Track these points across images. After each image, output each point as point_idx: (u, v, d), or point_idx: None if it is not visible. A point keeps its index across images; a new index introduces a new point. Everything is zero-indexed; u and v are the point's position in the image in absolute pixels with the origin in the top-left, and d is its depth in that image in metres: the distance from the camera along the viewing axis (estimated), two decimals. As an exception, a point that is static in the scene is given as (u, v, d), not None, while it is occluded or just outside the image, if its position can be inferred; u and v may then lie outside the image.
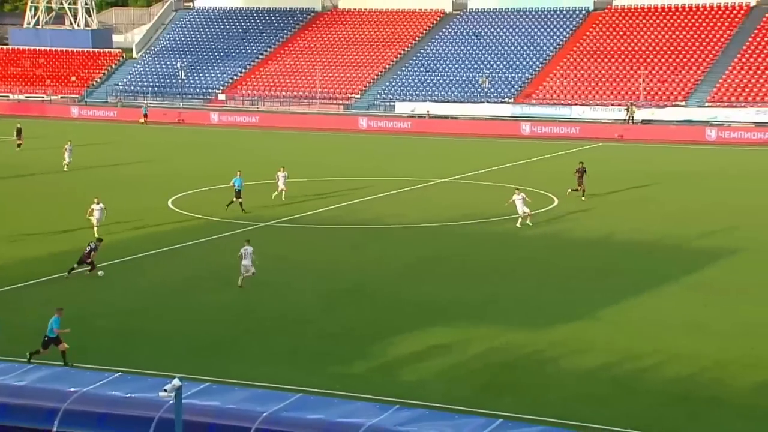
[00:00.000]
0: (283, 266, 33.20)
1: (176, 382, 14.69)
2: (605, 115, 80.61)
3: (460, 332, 25.79)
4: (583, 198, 45.38)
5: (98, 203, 37.34)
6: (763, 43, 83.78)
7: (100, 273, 31.43)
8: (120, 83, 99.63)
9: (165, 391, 14.57)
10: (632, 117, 78.39)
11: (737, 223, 40.14)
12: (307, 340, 25.50)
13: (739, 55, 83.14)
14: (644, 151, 67.88)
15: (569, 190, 45.95)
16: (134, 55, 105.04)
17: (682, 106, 79.83)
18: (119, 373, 18.52)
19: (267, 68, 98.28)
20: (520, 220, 38.66)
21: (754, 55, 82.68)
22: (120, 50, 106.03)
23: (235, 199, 42.13)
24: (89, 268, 31.33)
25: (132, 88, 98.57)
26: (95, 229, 36.28)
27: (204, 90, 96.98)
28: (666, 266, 32.89)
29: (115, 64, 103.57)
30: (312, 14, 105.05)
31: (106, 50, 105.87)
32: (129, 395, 17.03)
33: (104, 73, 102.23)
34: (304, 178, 54.09)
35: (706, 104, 79.11)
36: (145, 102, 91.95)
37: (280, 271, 32.57)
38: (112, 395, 17.08)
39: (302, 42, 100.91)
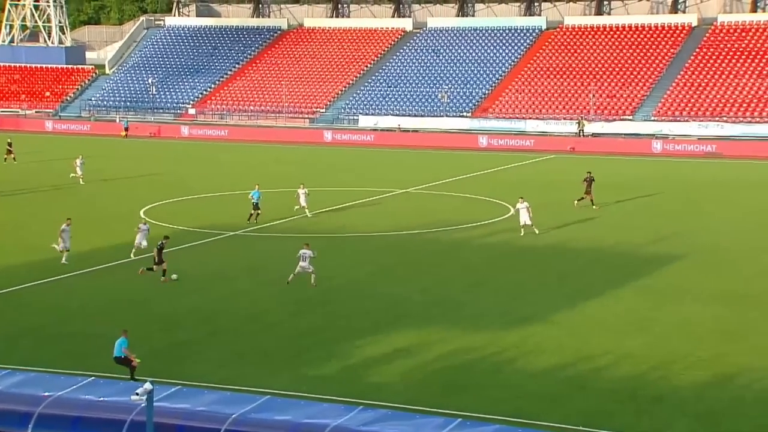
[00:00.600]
0: (252, 273, 33.05)
1: (148, 385, 14.55)
2: (558, 129, 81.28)
3: (421, 335, 25.82)
4: (594, 207, 45.32)
5: (144, 225, 35.06)
6: (704, 61, 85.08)
7: (173, 276, 31.29)
8: (93, 98, 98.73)
9: (137, 394, 14.43)
10: (583, 130, 79.12)
11: (680, 230, 40.66)
12: (276, 343, 25.38)
13: (682, 72, 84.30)
14: (595, 163, 68.49)
15: (576, 202, 45.80)
16: (107, 71, 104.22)
17: (630, 120, 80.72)
18: (92, 378, 18.30)
19: (235, 84, 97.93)
20: (523, 230, 38.18)
21: (696, 72, 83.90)
22: (93, 66, 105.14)
23: (253, 211, 41.62)
24: (157, 266, 31.36)
25: (104, 102, 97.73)
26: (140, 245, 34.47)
27: (175, 105, 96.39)
28: (615, 271, 33.20)
29: (88, 79, 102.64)
30: (278, 32, 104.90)
31: (80, 66, 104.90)
32: (102, 399, 16.84)
33: (78, 89, 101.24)
34: (272, 188, 53.94)
35: (652, 118, 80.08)
36: (125, 117, 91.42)
37: (249, 277, 32.42)
38: (85, 399, 16.88)
39: (269, 59, 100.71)
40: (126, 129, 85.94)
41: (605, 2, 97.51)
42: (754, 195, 50.70)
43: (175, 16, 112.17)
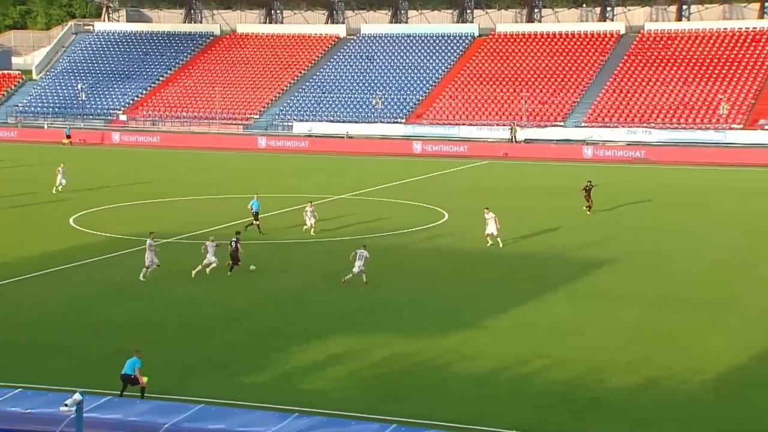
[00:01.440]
0: (187, 282, 32.55)
1: (77, 396, 14.16)
2: (491, 135, 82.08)
3: (358, 341, 25.72)
4: (588, 212, 45.58)
5: (212, 243, 33.61)
6: (632, 68, 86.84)
7: (251, 267, 32.68)
8: (20, 104, 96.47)
9: (66, 405, 14.02)
10: (515, 136, 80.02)
11: (611, 235, 41.32)
12: (211, 352, 25.02)
13: (611, 79, 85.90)
14: (527, 168, 69.36)
15: (585, 208, 45.73)
16: (34, 76, 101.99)
17: (561, 126, 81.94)
18: (19, 390, 17.76)
19: (167, 90, 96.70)
20: (489, 240, 37.87)
21: (624, 79, 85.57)
22: (20, 72, 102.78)
23: (254, 221, 40.87)
24: (236, 263, 32.28)
25: (32, 109, 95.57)
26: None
27: (105, 111, 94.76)
28: (550, 276, 33.54)
29: (15, 85, 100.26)
30: (211, 38, 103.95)
31: (6, 72, 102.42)
32: (29, 411, 16.36)
33: (4, 95, 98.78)
34: (206, 195, 53.30)
35: (583, 124, 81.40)
36: (66, 123, 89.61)
37: (185, 286, 31.93)
38: (11, 411, 16.38)
39: (202, 65, 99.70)
40: (68, 136, 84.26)
41: (536, 10, 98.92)
42: (683, 200, 51.82)
43: (104, 21, 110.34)
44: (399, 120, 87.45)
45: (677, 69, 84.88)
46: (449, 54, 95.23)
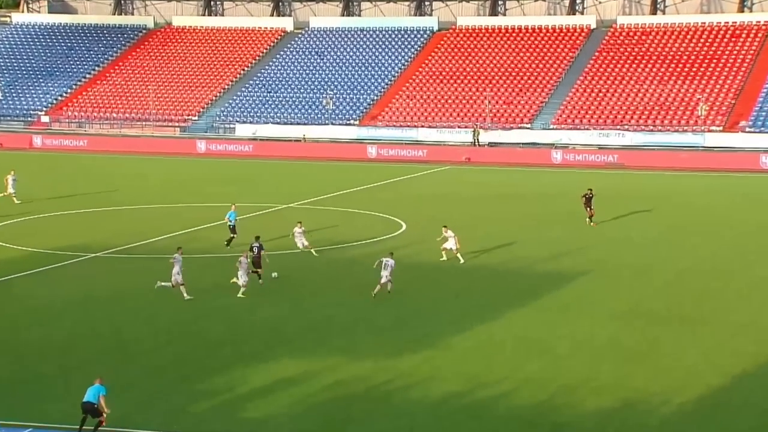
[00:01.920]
0: (113, 299, 32.30)
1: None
2: (452, 138, 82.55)
3: (306, 363, 25.70)
4: (592, 223, 45.90)
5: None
6: (603, 65, 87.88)
7: (274, 274, 34.12)
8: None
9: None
10: (478, 139, 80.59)
11: (583, 245, 41.83)
12: (143, 377, 24.82)
13: (581, 77, 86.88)
14: (492, 174, 69.84)
15: (587, 220, 46.10)
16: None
17: (528, 128, 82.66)
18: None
19: (95, 88, 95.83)
20: (444, 255, 38.01)
21: (596, 77, 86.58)
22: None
23: (231, 234, 40.56)
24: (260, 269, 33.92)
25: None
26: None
27: (25, 112, 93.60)
28: (513, 290, 33.84)
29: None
30: (144, 31, 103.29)
31: None
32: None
33: None
34: (139, 205, 52.91)
35: (551, 126, 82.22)
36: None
37: (110, 304, 31.67)
38: None
39: (134, 60, 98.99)
40: None
41: (500, 2, 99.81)
42: (658, 208, 52.58)
43: (23, 12, 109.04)
44: (352, 122, 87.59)
45: (652, 66, 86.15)
46: (406, 50, 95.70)
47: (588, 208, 46.33)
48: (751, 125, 76.74)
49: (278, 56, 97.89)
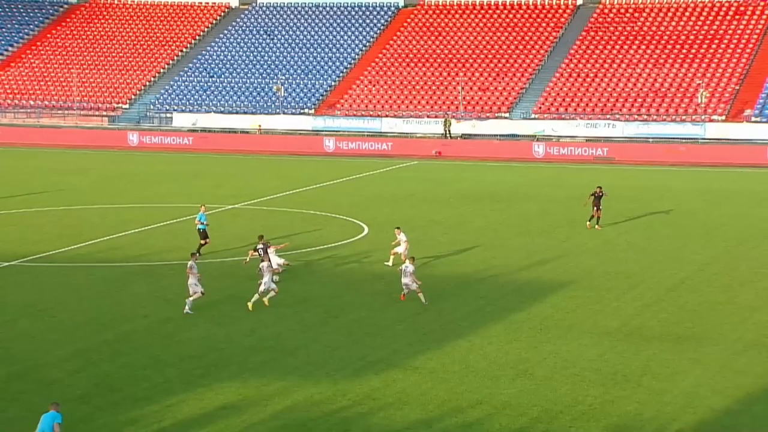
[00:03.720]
0: (31, 316, 31.95)
1: None
2: (420, 129, 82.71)
3: (251, 388, 25.53)
4: (597, 226, 46.01)
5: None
6: (591, 46, 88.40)
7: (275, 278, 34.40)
8: None
9: None
10: (449, 131, 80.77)
11: (567, 252, 41.94)
12: (60, 404, 24.45)
13: (566, 60, 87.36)
14: (465, 170, 69.99)
15: (591, 221, 46.15)
16: None
17: (506, 118, 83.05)
18: None
19: (8, 72, 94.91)
20: (392, 259, 38.23)
21: (582, 60, 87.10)
22: None
23: (201, 241, 40.36)
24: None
25: None
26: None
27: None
28: (488, 302, 33.85)
29: None
30: (65, 6, 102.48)
31: None
32: None
33: None
34: (59, 206, 52.45)
35: (533, 116, 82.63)
36: None
37: (27, 321, 31.32)
38: None
39: (54, 40, 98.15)
40: None
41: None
42: (653, 208, 52.89)
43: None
44: (306, 111, 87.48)
45: (646, 48, 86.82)
46: (368, 29, 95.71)
47: (595, 209, 46.29)
48: (757, 114, 77.58)
49: (221, 35, 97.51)
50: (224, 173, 67.37)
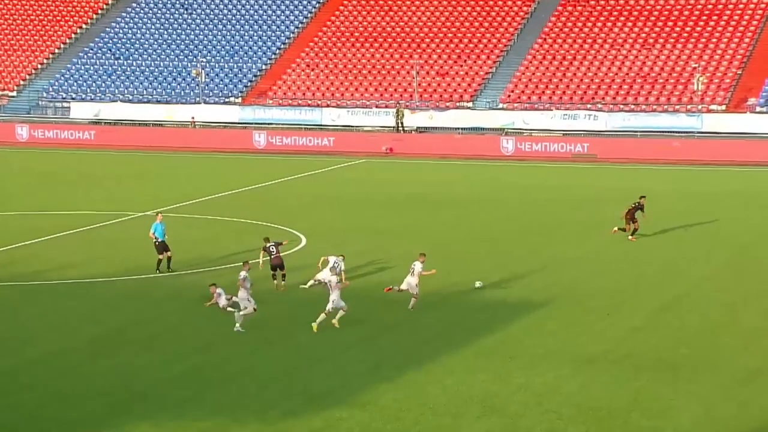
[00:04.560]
0: None
1: None
2: (368, 121, 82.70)
3: (171, 427, 25.39)
4: (630, 237, 46.01)
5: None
6: (569, 24, 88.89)
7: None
8: None
9: None
10: (402, 123, 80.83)
11: (542, 265, 42.06)
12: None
13: (539, 40, 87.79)
14: (421, 170, 70.04)
15: (622, 230, 46.13)
16: None
17: (469, 108, 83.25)
18: None
19: None
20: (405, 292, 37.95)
21: (558, 41, 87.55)
22: None
23: (161, 255, 40.38)
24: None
25: None
26: None
27: None
28: (451, 325, 33.83)
29: None
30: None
31: None
32: None
33: None
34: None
35: (500, 106, 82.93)
36: None
37: None
38: None
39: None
40: None
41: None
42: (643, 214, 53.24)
43: None
44: (232, 100, 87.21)
45: (633, 26, 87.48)
46: (305, 2, 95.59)
47: (630, 222, 46.17)
48: (763, 104, 78.41)
49: (128, 10, 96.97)
50: (132, 174, 66.89)
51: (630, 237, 46.25)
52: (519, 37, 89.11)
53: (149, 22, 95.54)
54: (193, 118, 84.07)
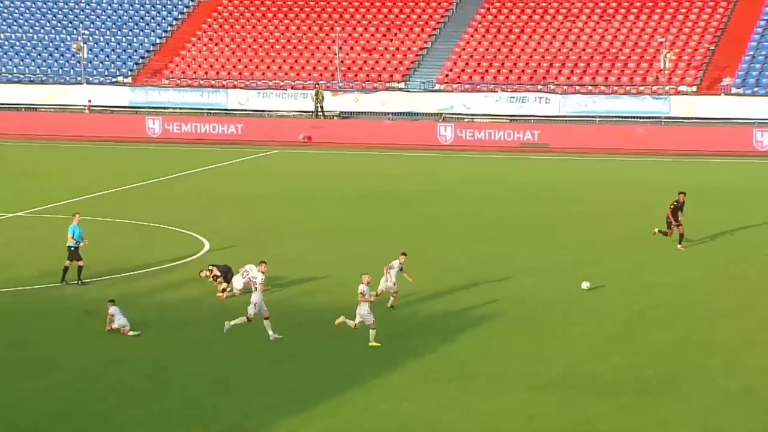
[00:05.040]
0: None
1: None
2: (283, 105, 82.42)
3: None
4: (679, 246, 45.68)
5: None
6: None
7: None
8: None
9: None
10: (322, 107, 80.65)
11: (490, 273, 41.98)
12: None
13: (482, 11, 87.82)
14: (344, 161, 69.93)
15: (662, 233, 45.96)
16: None
17: (401, 89, 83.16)
18: None
19: None
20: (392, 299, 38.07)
21: (504, 11, 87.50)
22: None
23: (68, 262, 40.10)
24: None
25: None
26: None
27: None
28: (387, 342, 33.73)
29: None
30: None
31: None
32: None
33: None
34: None
35: (437, 87, 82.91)
36: None
37: None
38: None
39: None
40: None
41: None
42: (599, 212, 53.45)
43: None
44: (121, 79, 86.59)
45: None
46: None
47: (673, 226, 45.91)
48: (739, 84, 79.03)
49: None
50: (1, 168, 66.39)
51: (679, 246, 45.82)
52: (458, 7, 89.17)
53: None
54: (89, 101, 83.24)
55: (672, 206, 46.21)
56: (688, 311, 37.66)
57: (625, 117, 78.02)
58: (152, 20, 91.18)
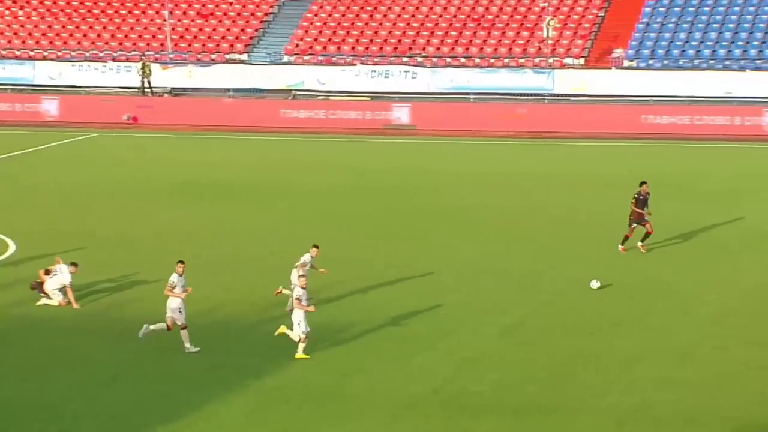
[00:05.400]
0: None
1: None
2: (103, 80, 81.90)
3: None
4: (640, 245, 45.97)
5: None
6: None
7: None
8: None
9: None
10: (149, 83, 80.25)
11: (336, 278, 41.58)
12: None
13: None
14: (176, 145, 69.70)
15: (620, 247, 45.99)
16: None
17: (243, 62, 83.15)
18: None
19: None
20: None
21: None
22: None
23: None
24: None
25: None
26: None
27: None
28: (221, 357, 33.69)
29: None
30: None
31: None
32: None
33: None
34: None
35: (285, 59, 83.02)
36: None
37: None
38: None
39: None
40: None
41: None
42: (474, 208, 53.84)
43: None
44: None
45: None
46: None
47: (637, 223, 46.12)
48: (632, 56, 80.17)
49: None
50: None
51: (639, 244, 46.10)
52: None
53: None
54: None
55: (634, 199, 46.51)
56: (573, 317, 38.03)
57: (503, 95, 78.64)
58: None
